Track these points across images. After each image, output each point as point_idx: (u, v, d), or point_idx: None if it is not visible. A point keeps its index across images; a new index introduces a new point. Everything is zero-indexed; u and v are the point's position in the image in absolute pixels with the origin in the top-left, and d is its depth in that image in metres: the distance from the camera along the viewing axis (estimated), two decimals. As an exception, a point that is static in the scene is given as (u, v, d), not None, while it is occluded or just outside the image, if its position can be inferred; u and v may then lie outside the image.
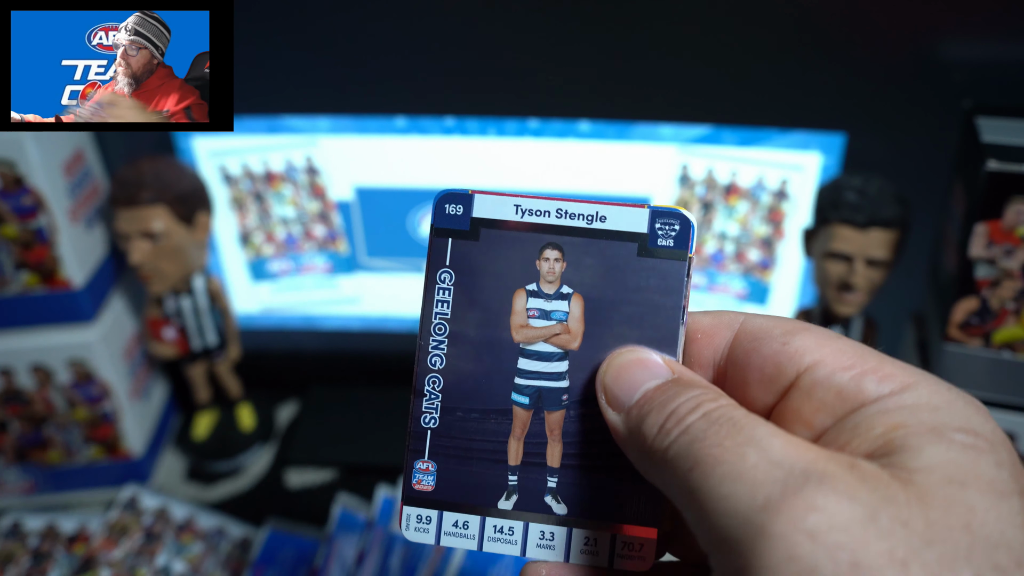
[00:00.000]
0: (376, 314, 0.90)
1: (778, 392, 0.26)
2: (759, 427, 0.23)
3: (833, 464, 0.22)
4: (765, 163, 0.76)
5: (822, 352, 0.26)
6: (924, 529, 0.20)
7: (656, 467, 0.25)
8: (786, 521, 0.20)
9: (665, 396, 0.26)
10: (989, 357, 0.64)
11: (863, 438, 0.23)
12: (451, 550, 0.70)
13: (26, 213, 0.70)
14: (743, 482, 0.22)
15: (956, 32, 0.71)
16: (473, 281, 0.30)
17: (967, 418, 0.23)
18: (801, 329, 0.26)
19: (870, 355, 0.25)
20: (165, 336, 0.83)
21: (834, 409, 0.25)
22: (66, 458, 0.83)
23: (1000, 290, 0.61)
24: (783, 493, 0.21)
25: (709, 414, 0.24)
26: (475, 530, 0.30)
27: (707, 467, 0.23)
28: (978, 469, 0.21)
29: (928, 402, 0.23)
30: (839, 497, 0.21)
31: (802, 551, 0.20)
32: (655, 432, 0.25)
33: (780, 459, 0.22)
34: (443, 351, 0.30)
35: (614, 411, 0.27)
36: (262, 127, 0.80)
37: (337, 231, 0.86)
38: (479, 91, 0.80)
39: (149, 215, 0.74)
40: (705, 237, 0.81)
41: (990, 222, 0.59)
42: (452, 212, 0.30)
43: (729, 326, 0.28)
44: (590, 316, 0.29)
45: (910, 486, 0.21)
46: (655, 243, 0.29)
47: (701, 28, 0.75)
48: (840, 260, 0.70)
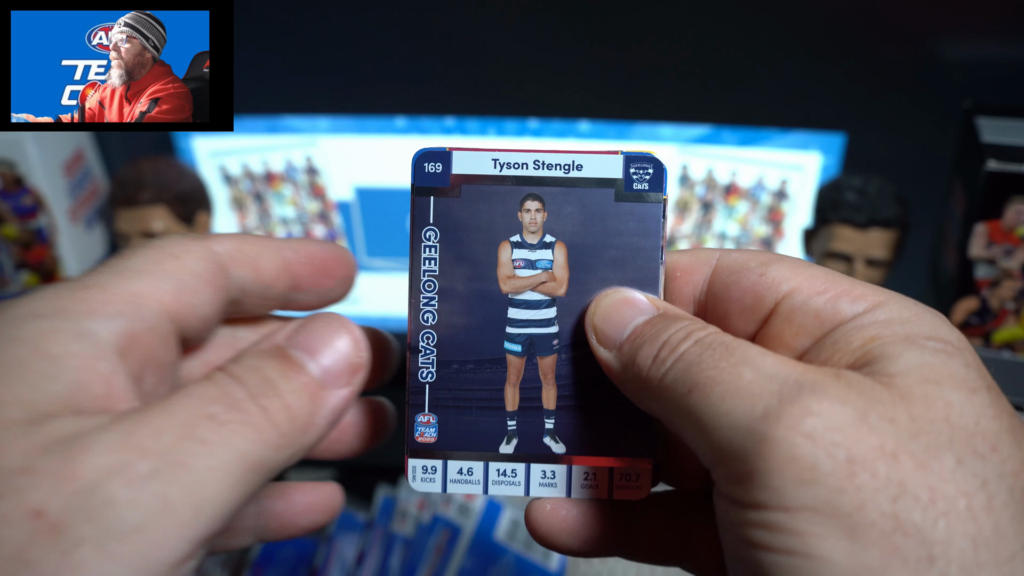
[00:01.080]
0: (376, 314, 0.90)
1: (759, 320, 0.28)
2: (750, 348, 0.25)
3: (821, 375, 0.24)
4: (765, 163, 0.76)
5: (797, 279, 0.27)
6: (909, 424, 0.22)
7: (653, 396, 0.26)
8: (786, 426, 0.22)
9: (655, 329, 0.27)
10: (989, 357, 0.64)
11: (844, 352, 0.25)
12: (451, 551, 0.70)
13: (26, 213, 0.70)
14: (742, 397, 0.23)
15: (956, 32, 0.71)
16: (458, 236, 0.30)
17: (935, 327, 0.25)
18: (775, 260, 0.28)
19: (841, 279, 0.27)
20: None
21: (813, 330, 0.26)
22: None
23: (1000, 290, 0.61)
24: (780, 402, 0.23)
25: (701, 340, 0.25)
26: (479, 475, 0.31)
27: (706, 388, 0.24)
28: (950, 369, 0.23)
29: (899, 316, 0.25)
30: (831, 401, 0.22)
31: (802, 451, 0.22)
32: (650, 363, 0.26)
33: (774, 373, 0.24)
34: (434, 307, 0.31)
35: (605, 349, 0.28)
36: (262, 127, 0.80)
37: (337, 231, 0.86)
38: (479, 91, 0.80)
39: (149, 215, 0.74)
40: (705, 237, 0.81)
41: (990, 222, 0.59)
42: (432, 170, 0.30)
43: (707, 262, 0.29)
44: (574, 262, 0.30)
45: (892, 388, 0.23)
46: (631, 187, 0.30)
47: (701, 28, 0.75)
48: (840, 260, 0.70)
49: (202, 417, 0.22)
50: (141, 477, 0.20)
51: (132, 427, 0.21)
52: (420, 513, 0.74)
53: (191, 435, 0.22)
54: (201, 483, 0.21)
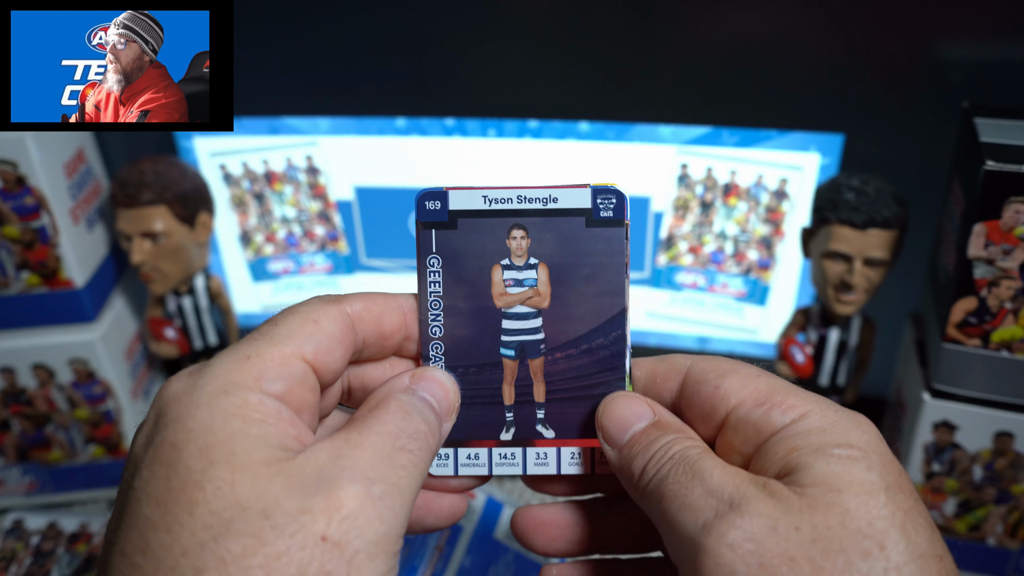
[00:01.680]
0: (376, 314, 0.90)
1: (715, 427, 0.33)
2: (706, 461, 0.30)
3: (752, 486, 0.28)
4: (764, 163, 0.77)
5: (744, 392, 0.32)
6: (810, 531, 0.27)
7: (639, 498, 0.32)
8: (715, 538, 0.27)
9: (648, 439, 0.32)
10: (987, 356, 0.64)
11: (771, 462, 0.30)
12: (451, 549, 0.71)
13: (28, 213, 0.71)
14: (690, 510, 0.29)
15: (954, 32, 0.71)
16: (457, 262, 0.36)
17: (846, 435, 0.29)
18: (730, 371, 0.33)
19: (780, 389, 0.32)
20: (166, 336, 0.83)
21: (754, 439, 0.31)
22: (68, 457, 0.83)
23: (998, 290, 0.61)
24: (715, 517, 0.28)
25: (674, 456, 0.31)
26: (484, 459, 0.36)
27: (668, 500, 0.30)
28: (852, 476, 0.28)
29: (817, 426, 0.30)
30: (751, 516, 0.27)
31: (725, 559, 0.27)
32: (639, 473, 0.32)
33: (716, 489, 0.29)
34: (440, 322, 0.36)
35: (610, 447, 0.34)
36: (263, 128, 0.81)
37: (337, 231, 0.86)
38: (479, 92, 0.80)
39: (150, 215, 0.74)
40: (705, 237, 0.81)
41: (988, 222, 0.59)
42: (432, 207, 0.35)
43: (679, 371, 0.34)
44: (554, 279, 0.36)
45: (803, 498, 0.27)
46: (598, 215, 0.35)
47: (701, 29, 0.75)
48: (839, 260, 0.70)
49: (397, 448, 0.29)
50: (378, 498, 0.27)
51: (354, 463, 0.28)
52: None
53: (395, 463, 0.29)
54: (408, 499, 0.29)
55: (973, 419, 0.67)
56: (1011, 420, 0.66)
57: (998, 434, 0.67)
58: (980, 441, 0.68)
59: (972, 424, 0.67)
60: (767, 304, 0.83)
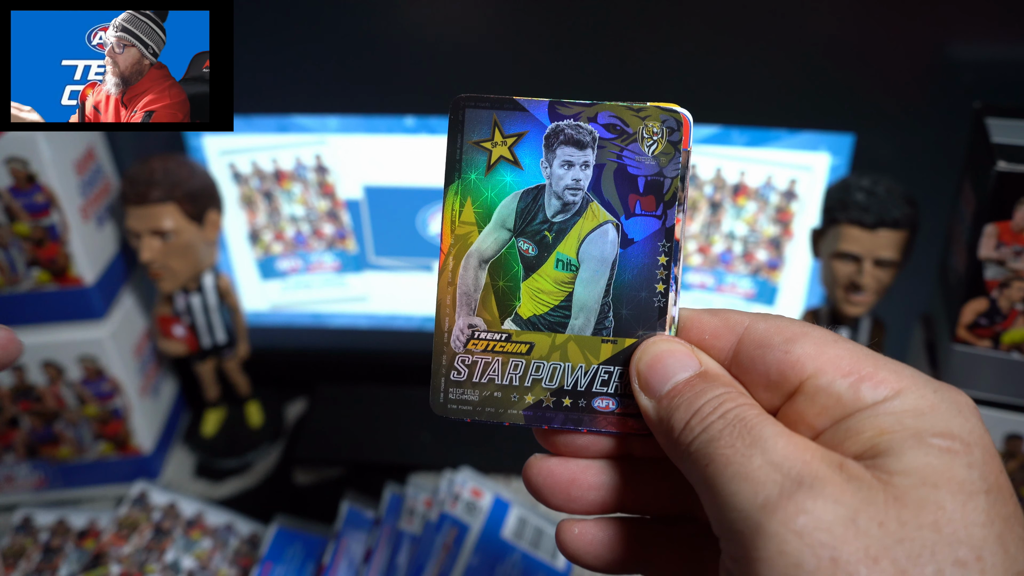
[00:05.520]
0: (384, 312, 0.91)
1: (783, 396, 0.29)
2: (767, 427, 0.27)
3: (825, 465, 0.25)
4: (774, 163, 0.76)
5: (822, 359, 0.28)
6: (897, 528, 0.23)
7: (679, 457, 0.28)
8: (779, 521, 0.24)
9: (692, 392, 0.29)
10: (998, 358, 0.64)
11: (854, 440, 0.26)
12: (458, 549, 0.70)
13: (38, 211, 0.71)
14: (748, 482, 0.25)
15: (966, 33, 0.70)
16: None
17: (947, 422, 0.26)
18: (801, 335, 0.29)
19: (866, 359, 0.28)
20: (175, 333, 0.84)
21: (834, 413, 0.27)
22: (76, 454, 0.84)
23: (1009, 291, 0.61)
24: (779, 495, 0.24)
25: (726, 414, 0.27)
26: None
27: (720, 465, 0.26)
28: (951, 472, 0.24)
29: (913, 407, 0.26)
30: (825, 500, 0.24)
31: (791, 548, 0.23)
32: (681, 427, 0.28)
33: (780, 461, 0.25)
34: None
35: (647, 397, 0.31)
36: (272, 126, 0.81)
37: (346, 230, 0.86)
38: (487, 91, 0.80)
39: (160, 213, 0.75)
40: (713, 237, 0.81)
41: (999, 223, 0.59)
42: None
43: (733, 330, 0.31)
44: None
45: (889, 487, 0.24)
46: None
47: (710, 28, 0.75)
48: (848, 260, 0.69)
49: None
50: None
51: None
52: (428, 511, 0.74)
53: None
54: None
55: (983, 422, 0.66)
56: (1021, 422, 0.65)
57: (1008, 436, 0.66)
58: (990, 444, 0.67)
59: (982, 427, 0.67)
60: (776, 305, 0.82)
